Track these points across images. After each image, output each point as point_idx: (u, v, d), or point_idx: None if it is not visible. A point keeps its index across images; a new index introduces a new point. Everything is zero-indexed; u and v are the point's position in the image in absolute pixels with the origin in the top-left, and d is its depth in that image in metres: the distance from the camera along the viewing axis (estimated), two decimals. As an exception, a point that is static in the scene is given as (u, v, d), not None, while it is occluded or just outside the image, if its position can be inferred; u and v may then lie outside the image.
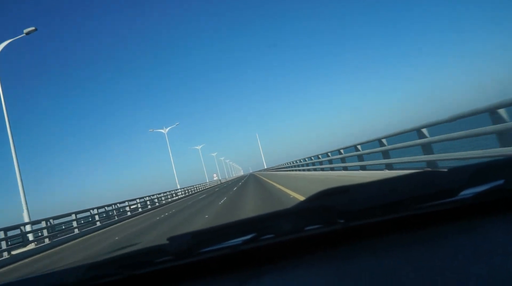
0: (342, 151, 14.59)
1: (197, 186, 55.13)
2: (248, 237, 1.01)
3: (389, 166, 9.86)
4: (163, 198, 34.22)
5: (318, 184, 11.93)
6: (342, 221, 0.97)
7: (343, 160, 14.59)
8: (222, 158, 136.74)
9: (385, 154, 9.91)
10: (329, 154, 16.84)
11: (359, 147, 12.34)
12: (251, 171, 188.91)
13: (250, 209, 10.09)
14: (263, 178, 34.75)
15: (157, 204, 31.08)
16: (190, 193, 45.49)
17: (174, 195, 38.53)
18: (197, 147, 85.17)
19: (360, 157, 12.34)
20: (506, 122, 5.52)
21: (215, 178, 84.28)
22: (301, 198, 8.75)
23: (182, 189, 43.74)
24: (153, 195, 32.10)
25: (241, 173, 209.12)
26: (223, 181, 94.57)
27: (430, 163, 7.71)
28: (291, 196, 10.03)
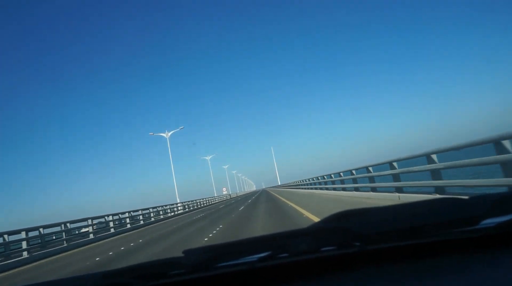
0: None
1: (200, 200, 47.74)
2: (264, 254, 1.00)
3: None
4: (150, 215, 27.04)
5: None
6: (358, 244, 0.97)
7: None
8: (234, 172, 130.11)
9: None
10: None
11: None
12: (264, 187, 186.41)
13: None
14: (276, 194, 34.07)
15: (141, 222, 24.30)
16: (191, 209, 38.80)
17: (169, 211, 32.37)
18: (206, 158, 75.90)
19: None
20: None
21: (224, 192, 79.85)
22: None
23: (181, 204, 37.18)
24: (133, 212, 23.97)
25: (254, 188, 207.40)
26: (233, 195, 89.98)
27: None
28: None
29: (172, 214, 32.19)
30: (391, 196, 10.19)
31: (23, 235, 13.13)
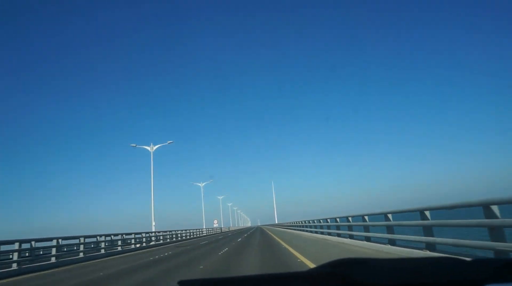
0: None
1: (181, 231, 39.25)
2: None
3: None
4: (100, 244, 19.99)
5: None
6: None
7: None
8: (229, 204, 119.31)
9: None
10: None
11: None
12: (259, 224, 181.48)
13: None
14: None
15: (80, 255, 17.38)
16: (167, 241, 32.12)
17: (133, 241, 24.88)
18: (200, 184, 67.36)
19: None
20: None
21: (215, 225, 74.26)
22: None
23: (154, 233, 30.55)
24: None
25: (249, 224, 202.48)
26: (224, 230, 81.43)
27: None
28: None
29: (135, 246, 24.77)
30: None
31: (16, 246, 13.12)
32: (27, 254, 14.70)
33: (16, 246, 13.07)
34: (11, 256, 13.38)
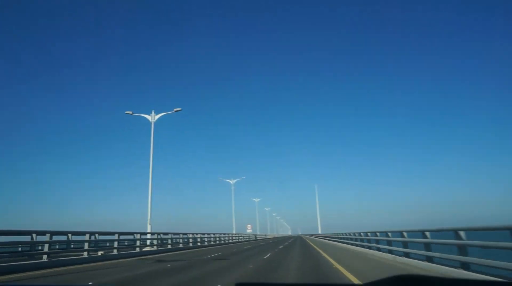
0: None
1: (193, 235, 30.56)
2: None
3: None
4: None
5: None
6: None
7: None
8: (267, 209, 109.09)
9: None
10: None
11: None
12: (300, 233, 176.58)
13: None
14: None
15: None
16: (168, 247, 23.93)
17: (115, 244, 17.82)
18: (230, 181, 57.97)
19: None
20: None
21: (248, 230, 67.31)
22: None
23: (150, 234, 23.45)
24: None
25: (289, 233, 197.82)
26: (260, 236, 71.03)
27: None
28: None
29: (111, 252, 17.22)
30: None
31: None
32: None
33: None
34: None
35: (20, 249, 16.18)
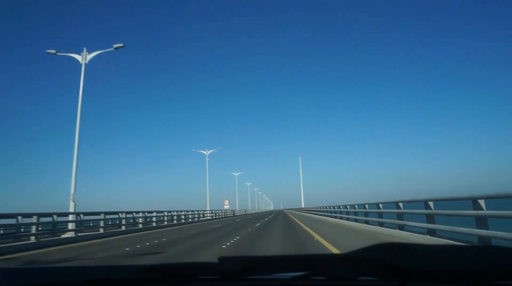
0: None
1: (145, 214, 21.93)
2: (299, 274, 0.99)
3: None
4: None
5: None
6: (399, 278, 0.94)
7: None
8: (248, 184, 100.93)
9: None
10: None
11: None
12: (281, 208, 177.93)
13: None
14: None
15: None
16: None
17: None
18: (205, 152, 48.87)
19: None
20: None
21: (226, 206, 59.16)
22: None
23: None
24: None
25: (271, 208, 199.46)
26: (238, 213, 62.66)
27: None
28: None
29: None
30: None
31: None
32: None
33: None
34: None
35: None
